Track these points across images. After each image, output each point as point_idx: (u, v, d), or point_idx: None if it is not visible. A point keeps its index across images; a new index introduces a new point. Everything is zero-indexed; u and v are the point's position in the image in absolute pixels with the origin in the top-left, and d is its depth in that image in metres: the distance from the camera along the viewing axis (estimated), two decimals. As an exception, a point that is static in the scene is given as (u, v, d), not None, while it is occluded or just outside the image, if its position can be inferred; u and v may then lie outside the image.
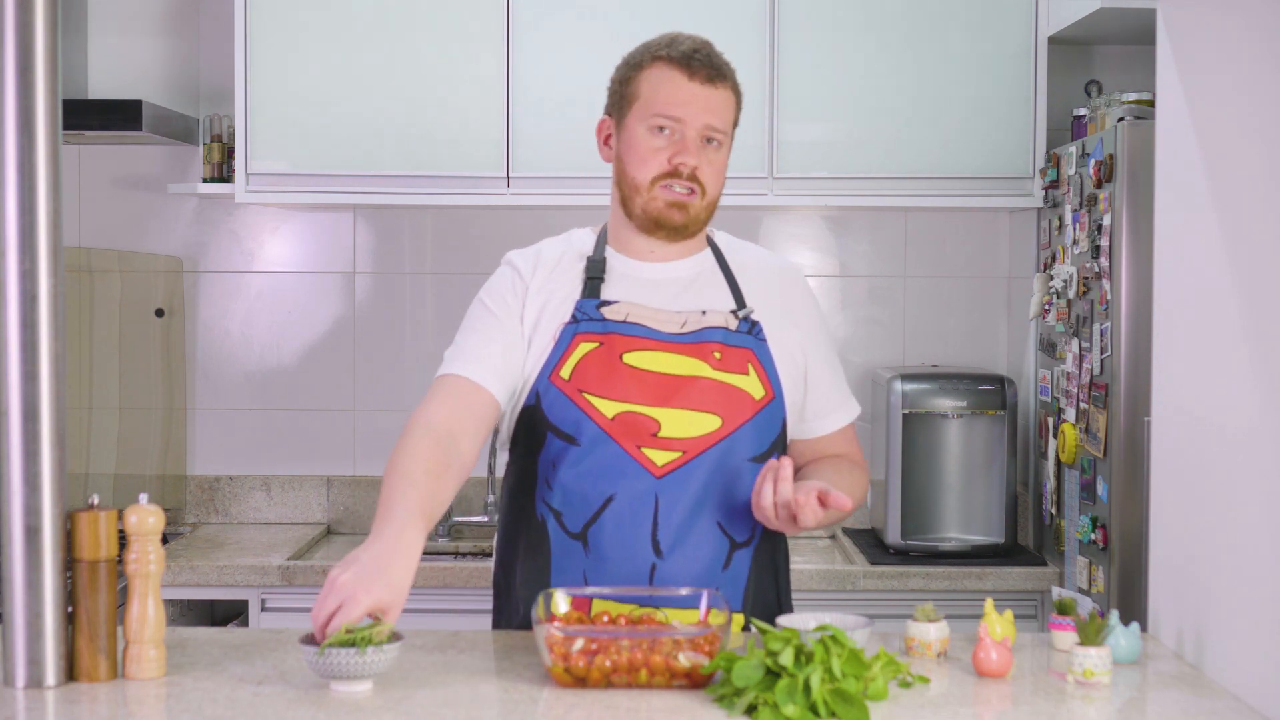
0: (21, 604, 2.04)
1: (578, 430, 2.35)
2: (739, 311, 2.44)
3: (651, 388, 2.36)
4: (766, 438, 2.42)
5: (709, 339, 2.40)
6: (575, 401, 2.36)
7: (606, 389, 2.36)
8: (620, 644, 2.01)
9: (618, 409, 2.35)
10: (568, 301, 2.43)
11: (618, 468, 2.34)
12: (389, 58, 3.90)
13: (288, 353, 4.30)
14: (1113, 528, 3.32)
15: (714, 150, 2.41)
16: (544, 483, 2.39)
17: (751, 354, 2.42)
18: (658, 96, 2.40)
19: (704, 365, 2.38)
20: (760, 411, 2.40)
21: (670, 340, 2.39)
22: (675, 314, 2.42)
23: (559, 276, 2.46)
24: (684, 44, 2.43)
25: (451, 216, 4.26)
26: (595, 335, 2.39)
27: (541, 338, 2.41)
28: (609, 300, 2.42)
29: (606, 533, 2.35)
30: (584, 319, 2.40)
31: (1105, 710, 2.02)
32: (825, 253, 4.30)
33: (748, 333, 2.43)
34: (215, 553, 3.84)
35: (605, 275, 2.45)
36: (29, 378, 2.04)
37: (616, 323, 2.39)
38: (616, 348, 2.38)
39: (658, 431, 2.35)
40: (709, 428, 2.36)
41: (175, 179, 4.24)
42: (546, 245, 2.53)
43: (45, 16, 2.06)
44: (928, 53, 3.90)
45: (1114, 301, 3.31)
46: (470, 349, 2.41)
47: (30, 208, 2.04)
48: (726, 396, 2.38)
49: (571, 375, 2.37)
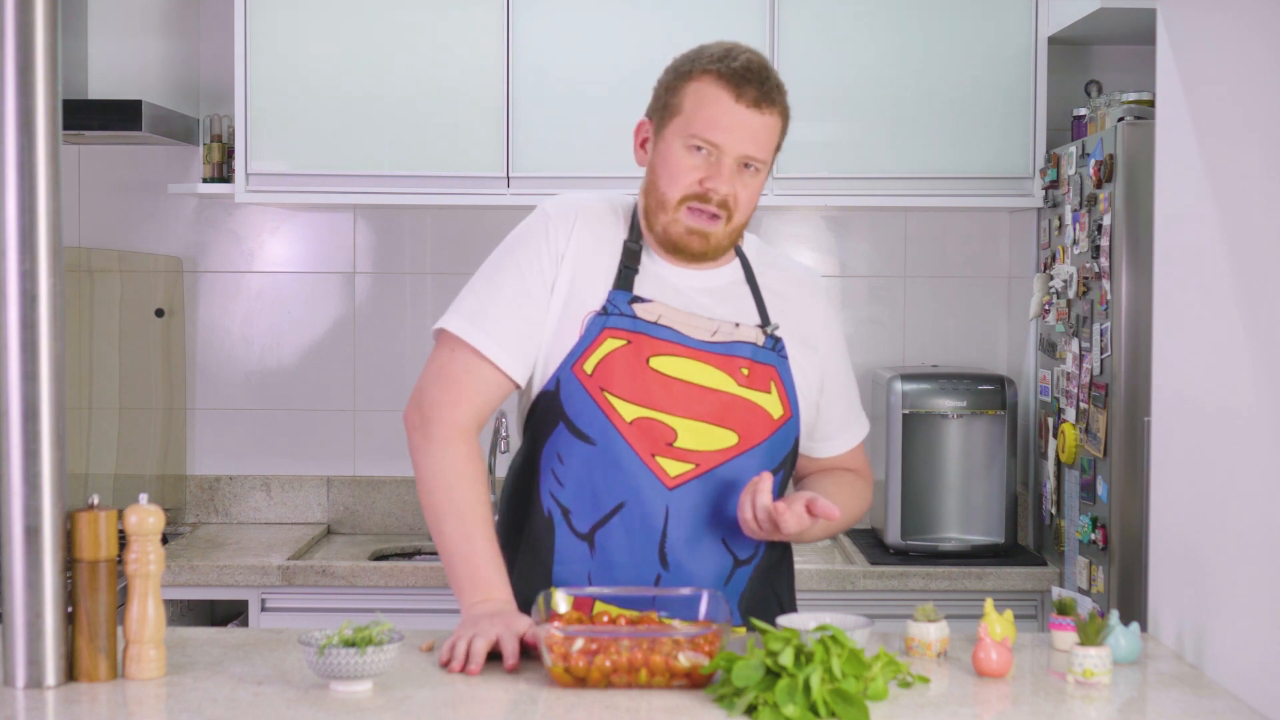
0: (21, 604, 2.04)
1: (593, 429, 2.31)
2: (767, 327, 2.40)
3: (675, 395, 2.32)
4: (778, 456, 2.40)
5: (738, 353, 2.36)
6: (595, 399, 2.31)
7: (629, 391, 2.31)
8: (620, 644, 2.01)
9: (637, 413, 2.31)
10: (599, 283, 2.35)
11: (631, 474, 2.31)
12: (389, 57, 3.90)
13: (288, 353, 4.30)
14: (1113, 528, 3.32)
15: (750, 175, 2.32)
16: (550, 475, 2.35)
17: (775, 372, 2.38)
18: (699, 115, 2.29)
19: (730, 379, 2.34)
20: (777, 431, 2.38)
21: (699, 348, 2.34)
22: (708, 321, 2.35)
23: (595, 247, 2.36)
24: (738, 59, 2.30)
25: (451, 216, 4.26)
26: (624, 333, 2.32)
27: (569, 320, 2.34)
28: (642, 298, 2.35)
29: (616, 539, 2.33)
30: (614, 313, 2.33)
31: (1105, 710, 2.02)
32: (825, 253, 4.30)
33: (772, 349, 2.39)
34: (215, 553, 3.84)
35: (639, 268, 2.37)
36: (29, 378, 2.04)
37: (648, 323, 2.33)
38: (644, 350, 2.32)
39: (674, 441, 2.31)
40: (725, 443, 2.34)
41: (175, 179, 4.24)
42: (586, 207, 2.40)
43: (45, 16, 2.06)
44: (928, 53, 3.90)
45: (1114, 301, 3.31)
46: (492, 317, 2.33)
47: (30, 208, 2.04)
48: (747, 414, 2.35)
49: (595, 371, 2.31)
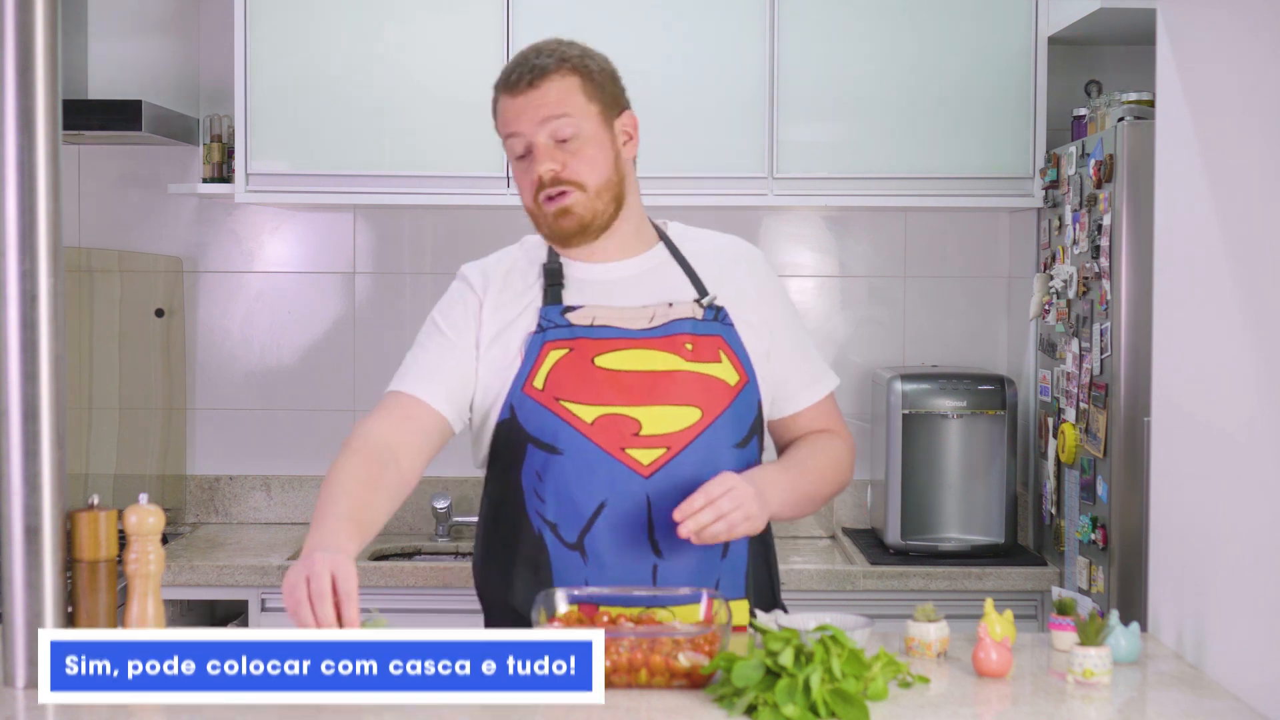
0: (21, 604, 2.04)
1: (557, 439, 2.34)
2: (703, 300, 2.42)
3: (628, 387, 2.35)
4: (745, 422, 2.41)
5: (679, 331, 2.39)
6: (552, 410, 2.34)
7: (583, 394, 2.34)
8: (620, 644, 2.01)
9: (597, 413, 2.33)
10: (529, 311, 2.41)
11: (605, 472, 2.33)
12: (389, 58, 3.90)
13: (288, 353, 4.30)
14: (1113, 528, 3.32)
15: (575, 143, 2.36)
16: (534, 495, 2.36)
17: (721, 340, 2.41)
18: (501, 124, 2.41)
19: (677, 358, 2.37)
20: (737, 397, 2.40)
21: (641, 336, 2.38)
22: (642, 309, 2.40)
23: (515, 285, 2.44)
24: (509, 66, 2.42)
25: (451, 216, 4.26)
26: (564, 341, 2.37)
27: (507, 350, 2.39)
28: (573, 305, 2.40)
29: (603, 540, 2.33)
30: (550, 326, 2.38)
31: (1105, 710, 2.02)
32: (825, 253, 4.30)
33: (714, 319, 2.42)
34: (215, 553, 3.84)
35: (564, 281, 2.43)
36: (29, 378, 2.04)
37: (584, 327, 2.38)
38: (587, 351, 2.36)
39: (639, 430, 2.33)
40: (689, 420, 2.36)
41: (175, 179, 4.24)
42: (499, 256, 2.52)
43: (45, 16, 2.06)
44: (928, 52, 3.90)
45: (1114, 301, 3.31)
46: (419, 367, 2.41)
47: (30, 208, 2.05)
48: (703, 387, 2.37)
49: (545, 384, 2.35)
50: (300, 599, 1.97)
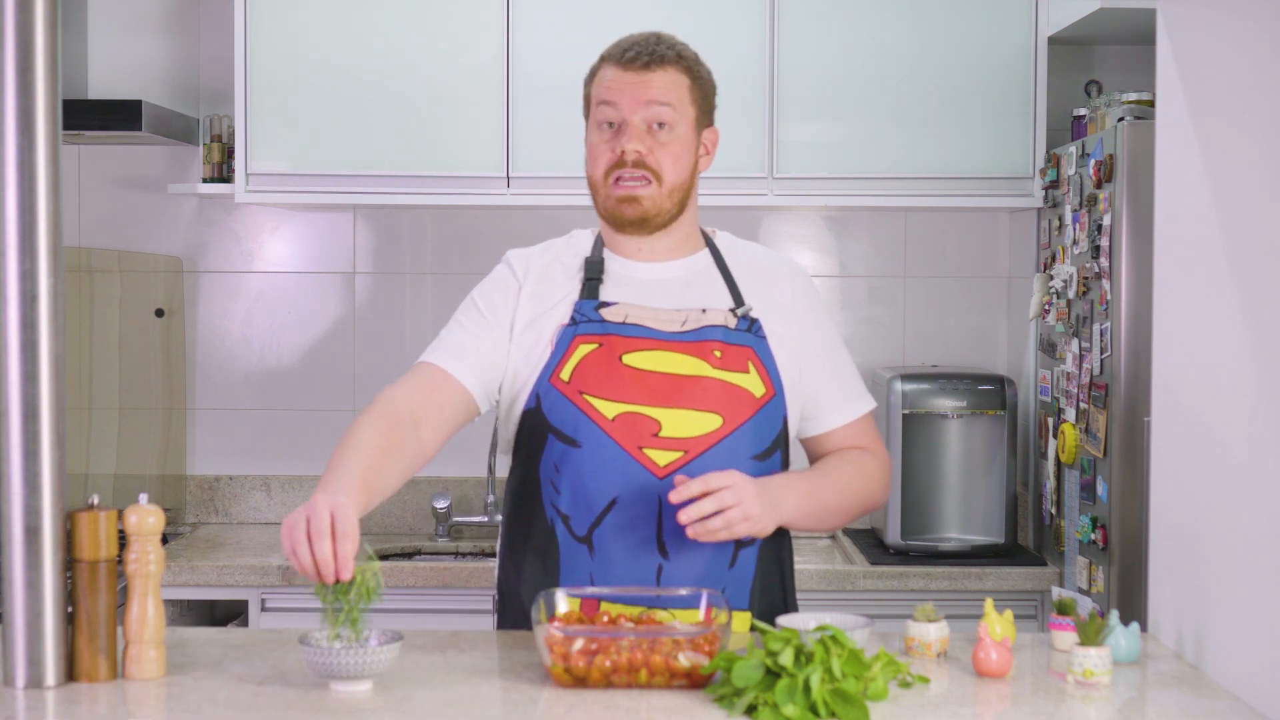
0: (21, 604, 2.04)
1: (578, 432, 2.35)
2: (738, 309, 2.43)
3: (652, 388, 2.35)
4: (767, 435, 2.41)
5: (709, 337, 2.39)
6: (575, 403, 2.35)
7: (607, 390, 2.35)
8: (620, 644, 2.01)
9: (618, 410, 2.34)
10: (565, 303, 2.42)
11: (620, 469, 2.33)
12: (389, 57, 3.90)
13: (288, 353, 4.30)
14: (1113, 528, 3.32)
15: (666, 134, 2.40)
16: (550, 486, 2.37)
17: (751, 352, 2.41)
18: (598, 92, 2.44)
19: (704, 364, 2.38)
20: (761, 409, 2.39)
21: (670, 339, 2.39)
22: (675, 312, 2.41)
23: (555, 277, 2.46)
24: (626, 41, 2.47)
25: (451, 216, 4.26)
26: (594, 337, 2.38)
27: (539, 340, 2.40)
28: (608, 301, 2.42)
29: (611, 535, 2.34)
30: (583, 320, 2.40)
31: (1105, 710, 2.02)
32: (825, 253, 4.30)
33: (747, 330, 2.42)
34: (215, 553, 3.84)
35: (603, 276, 2.44)
36: (29, 378, 2.04)
37: (615, 324, 2.39)
38: (616, 349, 2.37)
39: (659, 431, 2.34)
40: (710, 427, 2.36)
41: (175, 179, 4.24)
42: (544, 246, 2.53)
43: (45, 16, 2.06)
44: (928, 52, 3.90)
45: (1114, 301, 3.31)
46: (453, 341, 2.42)
47: (30, 208, 2.05)
48: (727, 395, 2.37)
49: (571, 377, 2.37)
50: (299, 538, 1.99)
